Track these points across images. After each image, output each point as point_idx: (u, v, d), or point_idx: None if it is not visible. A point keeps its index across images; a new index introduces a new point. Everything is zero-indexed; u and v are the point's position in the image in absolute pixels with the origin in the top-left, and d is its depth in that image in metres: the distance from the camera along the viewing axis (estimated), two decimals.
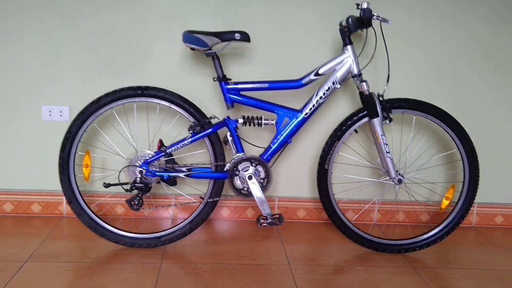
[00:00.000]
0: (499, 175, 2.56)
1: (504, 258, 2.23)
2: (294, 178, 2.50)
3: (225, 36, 1.99)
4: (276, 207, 2.54)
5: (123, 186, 2.05)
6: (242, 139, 2.14)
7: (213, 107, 2.35)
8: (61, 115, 2.32)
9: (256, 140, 2.39)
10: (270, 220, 2.01)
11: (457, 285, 1.94)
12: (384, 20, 1.93)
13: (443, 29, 2.34)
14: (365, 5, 1.94)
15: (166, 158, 2.06)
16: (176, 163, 2.11)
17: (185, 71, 2.30)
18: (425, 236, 2.20)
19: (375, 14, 1.94)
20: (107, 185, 2.08)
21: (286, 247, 2.22)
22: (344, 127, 2.11)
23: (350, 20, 2.12)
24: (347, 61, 2.03)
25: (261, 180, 2.07)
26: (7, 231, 2.23)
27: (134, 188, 2.02)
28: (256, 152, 2.27)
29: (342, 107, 2.40)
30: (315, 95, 2.06)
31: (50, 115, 2.32)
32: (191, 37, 1.97)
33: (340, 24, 2.23)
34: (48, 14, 2.22)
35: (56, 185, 2.38)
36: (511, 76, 2.43)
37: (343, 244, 2.27)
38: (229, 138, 2.08)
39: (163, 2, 2.24)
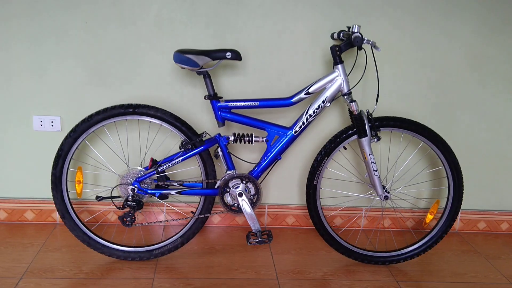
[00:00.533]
0: (482, 182, 2.62)
1: (483, 269, 2.31)
2: (284, 186, 2.55)
3: (216, 55, 1.99)
4: (266, 214, 2.59)
5: (114, 203, 2.08)
6: (233, 155, 2.17)
7: (205, 116, 2.37)
8: (52, 125, 2.33)
9: (248, 152, 2.42)
10: (259, 239, 2.07)
11: None
12: (375, 47, 1.94)
13: (432, 41, 2.35)
14: (356, 29, 1.94)
15: (158, 175, 2.09)
16: (168, 178, 2.15)
17: (176, 81, 2.31)
18: (409, 248, 2.27)
19: (365, 39, 1.94)
20: (100, 199, 2.12)
21: (275, 258, 2.28)
22: (333, 144, 2.15)
23: (341, 35, 2.13)
24: (337, 79, 2.05)
25: (251, 197, 2.12)
26: (1, 241, 2.27)
27: (126, 206, 2.05)
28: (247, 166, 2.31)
29: (333, 115, 2.43)
30: (305, 113, 2.08)
31: (41, 125, 2.33)
32: (182, 58, 1.97)
33: (332, 37, 2.24)
34: (36, 24, 2.20)
35: (49, 193, 2.39)
36: (496, 88, 2.46)
37: (330, 254, 2.34)
38: (220, 154, 2.11)
39: (152, 11, 2.22)
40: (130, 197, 2.06)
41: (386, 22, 2.31)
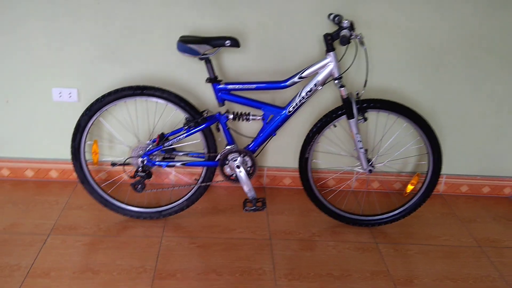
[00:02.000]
0: (468, 150, 2.83)
1: (458, 232, 2.58)
2: (282, 150, 2.78)
3: (216, 43, 2.16)
4: (265, 175, 2.86)
5: (127, 173, 2.36)
6: (234, 130, 2.39)
7: (209, 92, 2.57)
8: (70, 97, 2.56)
9: (248, 126, 2.64)
10: (254, 207, 2.34)
11: (409, 262, 2.32)
12: (361, 43, 2.08)
13: (427, 19, 2.45)
14: (345, 24, 2.08)
15: (165, 148, 2.34)
16: (174, 149, 2.40)
17: (184, 59, 2.48)
18: (390, 214, 2.53)
19: (353, 35, 2.08)
20: (114, 164, 2.40)
21: (270, 219, 2.57)
22: (323, 123, 2.35)
23: (336, 20, 2.26)
24: (329, 65, 2.21)
25: (248, 168, 2.37)
26: (30, 199, 2.59)
27: (137, 175, 2.33)
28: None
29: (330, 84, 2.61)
30: (298, 95, 2.27)
31: (60, 96, 2.56)
32: (185, 48, 2.14)
33: (329, 17, 2.36)
34: (51, 3, 2.36)
35: (70, 156, 2.69)
36: (489, 66, 2.57)
37: (320, 215, 2.61)
38: (221, 130, 2.34)
39: None
40: (140, 168, 2.32)
41: (384, 3, 2.41)
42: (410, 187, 2.51)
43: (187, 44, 2.14)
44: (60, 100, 2.58)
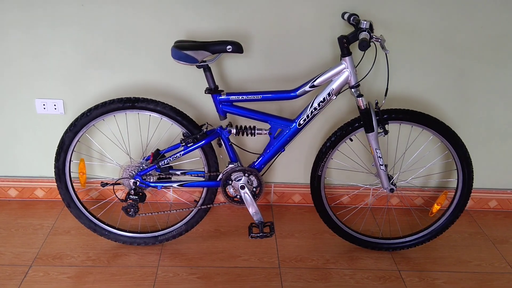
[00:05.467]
0: (498, 161, 2.55)
1: (489, 255, 2.30)
2: (291, 164, 2.52)
3: (215, 48, 1.90)
4: (272, 192, 2.59)
5: (118, 197, 2.11)
6: (237, 145, 2.13)
7: (209, 100, 2.30)
8: (55, 109, 2.31)
9: (253, 140, 2.37)
10: (261, 233, 2.08)
11: None
12: (383, 47, 1.80)
13: (451, 20, 2.17)
14: (364, 25, 1.80)
15: (163, 166, 2.07)
16: (171, 167, 2.14)
17: (178, 64, 2.22)
18: (414, 237, 2.26)
19: (374, 37, 1.80)
20: (104, 185, 2.14)
21: (279, 243, 2.31)
22: (338, 137, 2.08)
23: (352, 20, 1.99)
24: (344, 72, 1.94)
25: (254, 189, 2.10)
26: (13, 222, 2.34)
27: (128, 198, 2.06)
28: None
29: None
30: (309, 105, 2.00)
31: (44, 108, 2.31)
32: (180, 54, 1.88)
33: (342, 16, 2.10)
34: (30, 7, 2.10)
35: None
36: None
37: (334, 238, 2.34)
38: (223, 146, 2.07)
39: None
40: (132, 190, 2.06)
41: (403, 1, 2.13)
42: (436, 207, 2.23)
43: (183, 50, 1.87)
44: (44, 112, 2.32)
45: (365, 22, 1.81)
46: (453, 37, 2.21)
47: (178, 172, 2.14)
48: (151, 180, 2.09)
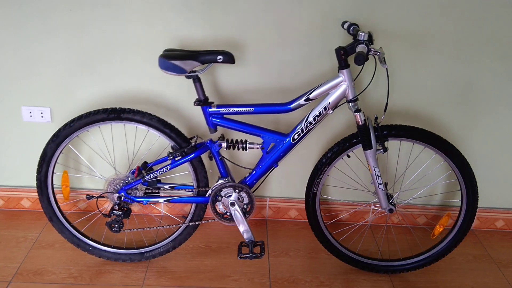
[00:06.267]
0: (502, 179, 2.41)
1: (494, 280, 2.17)
2: (286, 178, 2.41)
3: (205, 58, 1.79)
4: (268, 207, 2.48)
5: (101, 211, 2.01)
6: (228, 159, 2.02)
7: (200, 111, 2.19)
8: (42, 117, 2.22)
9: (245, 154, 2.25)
10: (251, 254, 1.96)
11: None
12: (382, 62, 1.68)
13: (458, 30, 2.05)
14: (362, 37, 1.69)
15: (149, 180, 1.97)
16: (159, 181, 2.04)
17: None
18: (414, 260, 2.14)
19: (372, 50, 1.69)
20: (90, 197, 2.04)
21: (271, 262, 2.19)
22: (335, 153, 1.97)
23: (351, 30, 1.87)
24: (342, 86, 1.82)
25: (244, 206, 1.99)
26: None
27: (112, 215, 1.96)
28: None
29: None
30: (304, 119, 1.89)
31: (31, 116, 2.22)
32: (167, 64, 1.77)
33: (342, 26, 1.99)
34: (18, 10, 2.01)
35: None
36: None
37: (330, 258, 2.22)
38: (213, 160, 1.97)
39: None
40: (116, 205, 1.96)
41: (407, 7, 2.01)
42: (439, 229, 2.11)
43: (170, 60, 1.77)
44: (31, 120, 2.23)
45: (363, 33, 1.70)
46: (460, 47, 2.09)
47: (167, 186, 2.04)
48: (137, 194, 1.99)
